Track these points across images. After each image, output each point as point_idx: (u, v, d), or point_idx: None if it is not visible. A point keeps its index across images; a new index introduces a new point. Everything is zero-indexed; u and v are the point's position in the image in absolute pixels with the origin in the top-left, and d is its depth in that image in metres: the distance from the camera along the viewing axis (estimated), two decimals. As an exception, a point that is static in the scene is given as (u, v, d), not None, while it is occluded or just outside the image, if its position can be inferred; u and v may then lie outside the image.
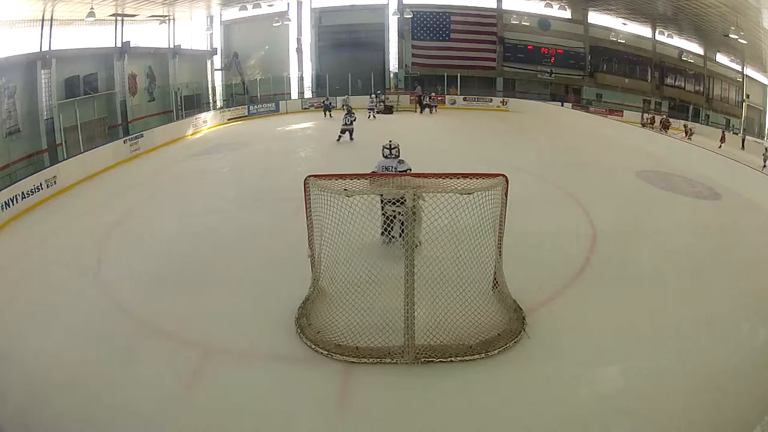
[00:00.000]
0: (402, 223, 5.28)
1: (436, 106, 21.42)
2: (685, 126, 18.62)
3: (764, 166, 13.82)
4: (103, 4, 14.72)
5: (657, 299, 5.77)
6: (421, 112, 21.09)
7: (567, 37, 22.56)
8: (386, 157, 7.19)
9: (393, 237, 6.60)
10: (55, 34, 13.85)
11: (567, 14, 22.34)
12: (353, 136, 14.81)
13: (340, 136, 14.82)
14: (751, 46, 16.43)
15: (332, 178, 5.09)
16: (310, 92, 23.74)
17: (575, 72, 22.89)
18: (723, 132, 17.64)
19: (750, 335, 5.35)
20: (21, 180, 9.83)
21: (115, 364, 4.74)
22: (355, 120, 14.93)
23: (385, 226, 6.27)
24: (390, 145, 7.25)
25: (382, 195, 5.99)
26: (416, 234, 5.89)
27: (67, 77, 14.68)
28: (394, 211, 5.90)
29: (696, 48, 19.77)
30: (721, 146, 16.01)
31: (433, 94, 22.21)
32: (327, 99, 20.73)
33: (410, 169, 6.84)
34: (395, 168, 6.91)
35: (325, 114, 19.91)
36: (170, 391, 4.37)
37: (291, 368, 4.67)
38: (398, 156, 7.21)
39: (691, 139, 17.17)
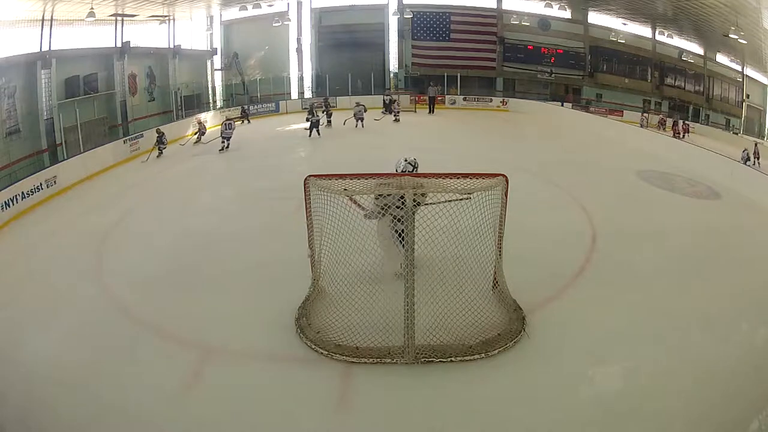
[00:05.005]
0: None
1: (398, 112, 18.80)
2: (675, 124, 18.33)
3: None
4: (103, 4, 14.71)
5: (657, 299, 5.78)
6: (434, 113, 19.72)
7: (567, 37, 22.51)
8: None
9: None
10: (55, 34, 13.83)
11: (567, 14, 22.30)
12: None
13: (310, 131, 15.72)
14: (751, 46, 16.41)
15: (332, 178, 5.08)
16: (310, 92, 23.73)
17: (575, 72, 22.84)
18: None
19: (750, 335, 5.36)
20: (21, 180, 9.83)
21: (115, 364, 4.74)
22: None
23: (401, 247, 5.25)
24: (414, 163, 6.04)
25: (392, 215, 5.33)
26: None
27: (67, 77, 14.66)
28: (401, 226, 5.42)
29: (696, 48, 19.74)
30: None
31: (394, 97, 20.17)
32: (244, 108, 19.92)
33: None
34: None
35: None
36: (170, 391, 4.37)
37: (291, 368, 4.67)
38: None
39: (682, 137, 16.96)
